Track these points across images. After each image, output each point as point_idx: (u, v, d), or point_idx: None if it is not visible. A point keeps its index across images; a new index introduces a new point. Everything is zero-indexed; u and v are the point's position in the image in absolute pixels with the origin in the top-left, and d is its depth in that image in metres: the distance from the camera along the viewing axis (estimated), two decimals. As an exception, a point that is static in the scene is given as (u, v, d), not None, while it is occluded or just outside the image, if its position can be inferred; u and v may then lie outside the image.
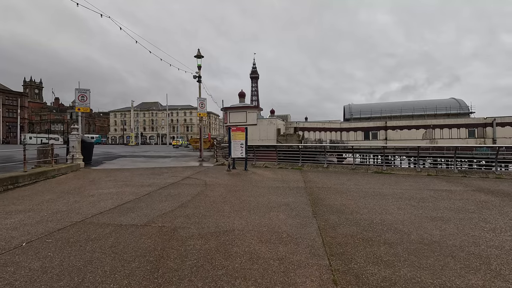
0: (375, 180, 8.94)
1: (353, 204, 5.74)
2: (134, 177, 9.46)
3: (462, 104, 50.75)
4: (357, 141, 44.66)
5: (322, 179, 9.25)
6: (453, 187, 7.54)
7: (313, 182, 8.56)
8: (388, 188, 7.57)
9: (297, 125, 43.82)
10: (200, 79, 16.66)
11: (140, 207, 5.56)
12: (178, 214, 5.06)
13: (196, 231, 4.13)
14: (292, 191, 7.21)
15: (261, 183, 8.50)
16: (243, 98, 39.21)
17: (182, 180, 8.87)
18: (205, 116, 15.70)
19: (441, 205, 5.61)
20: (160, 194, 6.81)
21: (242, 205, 5.74)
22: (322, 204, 5.81)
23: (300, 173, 10.64)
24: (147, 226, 4.36)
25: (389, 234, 3.98)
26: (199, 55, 16.33)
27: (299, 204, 5.75)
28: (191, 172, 10.93)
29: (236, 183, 8.50)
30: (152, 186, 7.88)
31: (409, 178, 9.12)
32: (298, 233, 4.05)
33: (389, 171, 10.32)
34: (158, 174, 10.27)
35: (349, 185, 8.03)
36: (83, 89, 12.47)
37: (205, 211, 5.27)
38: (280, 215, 4.99)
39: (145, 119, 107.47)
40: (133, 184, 8.17)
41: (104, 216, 4.94)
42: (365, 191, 7.17)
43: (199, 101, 15.63)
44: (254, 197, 6.49)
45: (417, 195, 6.62)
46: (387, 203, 5.87)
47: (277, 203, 5.85)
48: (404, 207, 5.52)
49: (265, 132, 34.75)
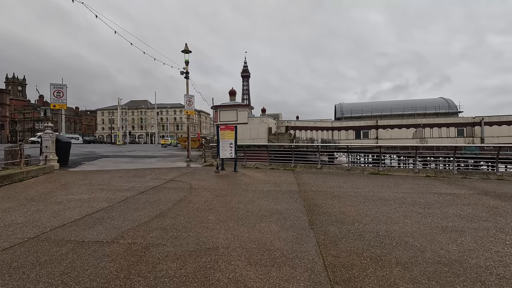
0: (372, 182, 8.41)
1: (353, 211, 5.15)
2: (112, 180, 8.66)
3: (451, 103, 51.35)
4: (349, 140, 44.54)
5: (317, 181, 8.67)
6: (456, 190, 7.07)
7: (307, 185, 7.96)
8: (388, 191, 7.04)
9: (289, 124, 43.37)
10: (187, 75, 15.86)
11: (112, 217, 4.82)
12: (154, 226, 4.36)
13: (173, 249, 3.45)
14: (285, 195, 6.59)
15: (251, 186, 7.85)
16: (234, 96, 38.47)
17: (165, 184, 8.13)
18: (193, 114, 14.93)
19: (450, 212, 5.08)
20: (138, 200, 6.08)
21: (229, 213, 5.08)
22: (319, 211, 5.20)
23: (292, 175, 10.04)
24: (114, 243, 3.65)
25: (400, 251, 3.39)
26: (186, 50, 15.53)
27: (293, 212, 5.13)
28: (177, 173, 10.18)
29: (224, 186, 7.83)
30: (130, 190, 7.12)
31: (407, 180, 8.64)
32: (293, 250, 3.42)
33: (385, 172, 9.83)
34: (140, 176, 9.48)
35: (346, 188, 7.47)
36: (59, 84, 11.54)
37: (186, 221, 4.58)
38: (272, 226, 4.35)
39: (133, 117, 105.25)
40: (110, 188, 7.38)
41: (65, 229, 4.19)
42: (364, 195, 6.61)
43: (186, 98, 14.84)
44: (243, 203, 5.83)
45: (420, 199, 6.09)
46: (390, 209, 5.31)
47: (269, 211, 5.21)
48: (409, 214, 4.96)
49: (256, 131, 34.10)
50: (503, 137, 38.92)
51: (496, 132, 39.45)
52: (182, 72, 15.69)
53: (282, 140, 33.23)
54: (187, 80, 15.92)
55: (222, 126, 10.54)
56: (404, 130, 43.12)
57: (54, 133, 10.87)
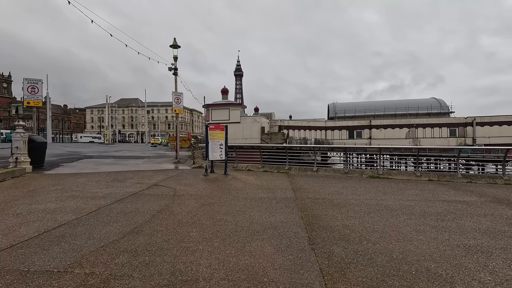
0: (373, 187, 7.80)
1: (358, 225, 4.49)
2: (88, 185, 7.82)
3: (443, 103, 51.63)
4: (342, 140, 44.23)
5: (314, 186, 8.02)
6: (465, 197, 6.51)
7: (303, 191, 7.29)
8: (392, 198, 6.42)
9: (282, 123, 42.77)
10: (176, 72, 15.02)
11: (75, 234, 4.05)
12: (124, 246, 3.61)
13: (140, 284, 2.72)
14: (280, 204, 5.90)
15: (242, 192, 7.13)
16: (226, 95, 37.66)
17: (147, 189, 7.35)
18: (182, 113, 14.13)
19: (467, 226, 4.48)
20: (111, 211, 5.30)
21: (215, 228, 4.35)
22: (319, 225, 4.53)
23: (287, 178, 9.36)
24: (67, 274, 2.89)
25: (423, 283, 2.73)
26: (175, 45, 14.69)
27: (290, 226, 4.44)
28: (162, 177, 9.39)
29: (212, 192, 7.09)
30: (106, 198, 6.32)
31: (410, 185, 8.06)
32: (292, 282, 2.73)
33: (386, 176, 9.25)
34: (120, 180, 8.66)
35: (346, 194, 6.82)
36: (34, 79, 10.58)
37: (163, 240, 3.85)
38: (265, 246, 3.65)
39: (124, 116, 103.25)
40: (83, 195, 6.57)
41: (12, 253, 3.41)
42: (367, 203, 5.98)
43: (174, 96, 14.00)
44: (232, 214, 5.12)
45: (430, 209, 5.49)
46: (399, 222, 4.68)
47: (262, 225, 4.51)
48: (422, 228, 4.33)
49: (248, 131, 33.38)
50: (494, 137, 39.16)
51: (487, 132, 39.67)
52: (170, 68, 14.85)
53: (275, 140, 32.62)
54: (175, 77, 15.08)
55: (211, 125, 9.78)
56: (397, 130, 43.03)
57: (27, 132, 9.93)
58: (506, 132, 39.25)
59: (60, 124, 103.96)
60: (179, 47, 14.92)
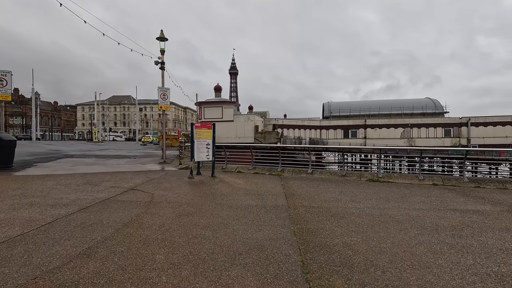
0: (374, 192, 7.07)
1: (362, 243, 3.74)
2: (55, 189, 6.93)
3: (437, 104, 51.52)
4: (337, 139, 43.70)
5: (308, 191, 7.25)
6: (478, 205, 5.81)
7: (297, 197, 6.52)
8: (397, 207, 5.69)
9: (276, 122, 42.04)
10: (163, 66, 14.11)
11: (9, 257, 3.21)
12: (63, 278, 2.78)
13: None
14: (270, 214, 5.11)
15: (228, 198, 6.33)
16: (219, 93, 36.74)
17: (121, 195, 6.49)
18: (168, 109, 13.25)
19: (490, 244, 3.76)
20: (69, 223, 4.45)
21: (188, 248, 3.55)
22: (316, 243, 3.76)
23: (280, 182, 8.59)
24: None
25: None
26: (162, 37, 13.77)
27: (280, 245, 3.66)
28: (142, 179, 8.53)
29: (194, 199, 6.27)
30: (70, 206, 5.46)
31: (414, 190, 7.36)
32: None
33: (386, 179, 8.55)
34: (94, 183, 7.78)
35: (345, 202, 6.07)
36: (2, 70, 9.60)
37: (118, 267, 3.03)
38: (247, 276, 2.86)
39: (116, 113, 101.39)
40: (44, 202, 5.69)
41: None
42: (369, 213, 5.23)
43: (160, 91, 13.08)
44: (212, 228, 4.32)
45: (442, 221, 4.76)
46: (409, 238, 3.94)
47: (246, 243, 3.72)
48: (439, 248, 3.60)
49: (242, 129, 32.55)
50: (488, 137, 39.04)
51: (482, 133, 39.53)
52: (156, 62, 13.93)
53: (269, 139, 31.87)
54: (162, 72, 14.16)
55: (197, 123, 8.94)
56: (392, 129, 42.67)
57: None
58: (500, 132, 39.18)
59: (50, 121, 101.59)
60: (166, 39, 14.01)
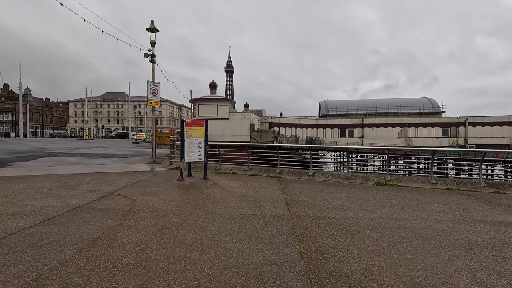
0: (384, 198, 6.32)
1: (387, 271, 2.96)
2: (23, 193, 6.05)
3: (434, 103, 51.25)
4: (334, 138, 43.09)
5: (312, 196, 6.47)
6: (508, 215, 5.08)
7: (300, 204, 5.73)
8: (415, 217, 4.94)
9: (273, 120, 41.27)
10: (153, 59, 13.19)
11: None
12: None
13: None
14: (270, 227, 4.32)
15: (221, 206, 5.52)
16: (215, 89, 35.84)
17: (98, 201, 5.64)
18: (159, 105, 12.36)
19: (547, 271, 3.01)
20: (23, 240, 3.60)
21: (166, 279, 2.74)
22: (329, 271, 2.97)
23: (278, 185, 7.80)
24: None
25: None
26: (152, 28, 12.85)
27: (284, 275, 2.86)
28: (126, 181, 7.67)
29: (182, 206, 5.44)
30: (32, 215, 4.60)
31: (428, 196, 6.62)
32: None
33: (395, 183, 7.81)
34: (70, 186, 6.90)
35: (355, 210, 5.30)
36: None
37: (66, 313, 2.20)
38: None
39: (109, 110, 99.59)
40: (3, 210, 4.82)
41: None
42: (386, 225, 4.47)
43: (150, 86, 12.16)
44: (199, 248, 3.51)
45: (473, 236, 4.02)
46: (443, 262, 3.18)
47: (242, 272, 2.92)
48: (485, 278, 2.84)
49: (238, 127, 31.72)
50: (486, 137, 38.80)
51: (479, 133, 39.27)
52: (146, 54, 13.00)
53: (265, 138, 31.10)
54: (152, 65, 13.24)
55: (188, 120, 8.08)
56: (390, 129, 42.21)
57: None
58: (498, 132, 38.97)
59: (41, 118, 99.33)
60: (157, 30, 13.09)
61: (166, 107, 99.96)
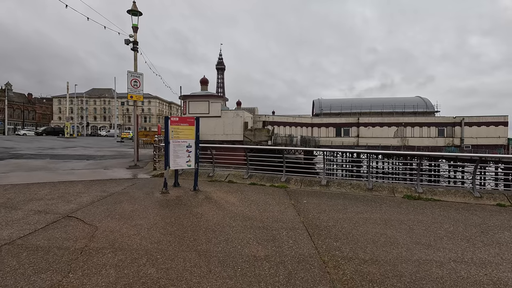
0: (431, 221, 4.85)
1: None
2: None
3: (428, 103, 50.69)
4: (329, 137, 41.89)
5: (337, 219, 4.93)
6: None
7: (327, 234, 4.18)
8: (499, 259, 3.47)
9: (266, 118, 39.71)
10: (136, 47, 11.40)
11: None
12: None
13: None
14: (296, 284, 2.75)
15: (218, 239, 3.92)
16: (206, 86, 33.94)
17: (43, 230, 3.95)
18: (141, 100, 10.60)
19: None
20: None
21: None
22: None
23: (288, 199, 6.24)
24: None
25: None
26: (134, 11, 11.05)
27: None
28: (94, 195, 5.96)
29: (161, 240, 3.81)
30: None
31: (483, 216, 5.19)
32: None
33: (429, 196, 6.39)
34: (13, 205, 5.16)
35: (407, 245, 3.79)
36: None
37: None
38: None
39: (95, 107, 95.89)
40: None
41: None
42: (467, 276, 2.97)
43: (131, 76, 10.35)
44: None
45: None
46: None
47: None
48: None
49: (230, 126, 30.00)
50: (481, 138, 38.35)
51: (475, 133, 38.78)
52: (128, 41, 11.18)
53: (260, 137, 29.52)
54: (135, 53, 11.43)
55: (173, 118, 6.42)
56: (385, 128, 41.32)
57: None
58: (493, 133, 38.57)
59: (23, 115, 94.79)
60: (140, 14, 11.30)
61: (155, 104, 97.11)
